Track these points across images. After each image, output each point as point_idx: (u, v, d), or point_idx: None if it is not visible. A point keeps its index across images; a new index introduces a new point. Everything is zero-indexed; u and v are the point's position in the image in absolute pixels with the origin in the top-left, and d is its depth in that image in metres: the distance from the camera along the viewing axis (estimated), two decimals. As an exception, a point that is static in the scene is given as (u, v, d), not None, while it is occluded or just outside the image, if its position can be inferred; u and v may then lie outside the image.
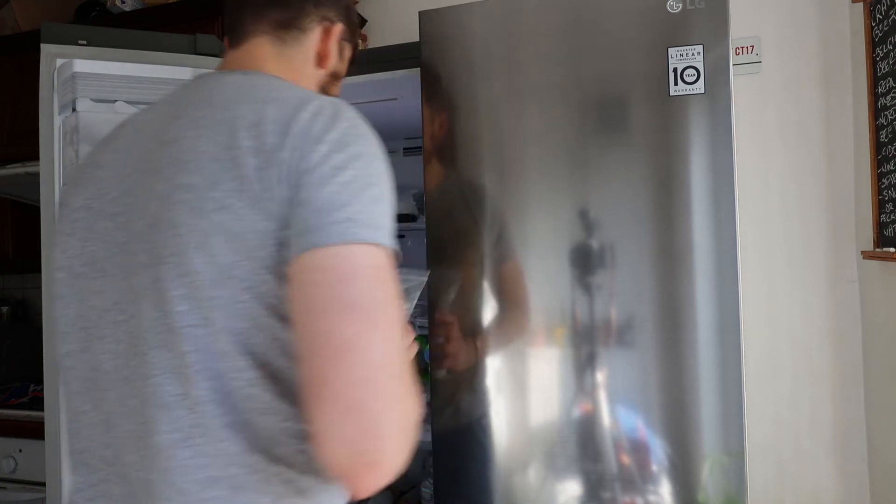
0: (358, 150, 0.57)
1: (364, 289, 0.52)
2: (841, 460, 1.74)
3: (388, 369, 0.51)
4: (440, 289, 1.16)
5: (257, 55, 0.71)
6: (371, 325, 0.51)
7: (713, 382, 1.02)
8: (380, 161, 0.59)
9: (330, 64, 0.76)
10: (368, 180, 0.56)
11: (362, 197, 0.54)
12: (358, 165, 0.56)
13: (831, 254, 1.76)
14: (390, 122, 1.78)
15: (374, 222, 0.55)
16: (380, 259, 0.54)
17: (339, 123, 0.57)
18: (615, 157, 1.08)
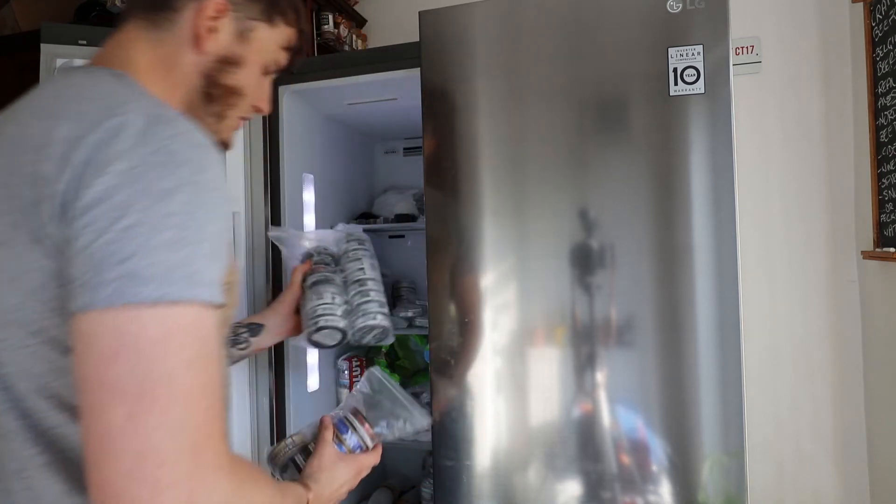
0: (153, 185, 0.46)
1: (135, 366, 0.44)
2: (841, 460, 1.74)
3: (163, 455, 0.44)
4: (441, 290, 1.16)
5: (127, 43, 0.63)
6: (145, 407, 0.44)
7: (713, 382, 1.02)
8: (191, 195, 0.48)
9: (210, 46, 0.64)
10: (163, 222, 0.46)
11: (150, 244, 0.45)
12: (146, 204, 0.45)
13: (831, 254, 1.76)
14: (390, 122, 1.78)
15: (168, 275, 0.45)
16: (172, 321, 0.45)
17: (138, 149, 0.47)
18: (615, 156, 1.08)
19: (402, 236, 2.03)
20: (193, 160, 0.49)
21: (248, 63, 0.68)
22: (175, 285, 0.45)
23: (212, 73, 0.66)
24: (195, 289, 0.47)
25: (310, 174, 1.58)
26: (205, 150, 0.51)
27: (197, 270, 0.47)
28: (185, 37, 0.63)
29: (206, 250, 0.48)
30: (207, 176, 0.50)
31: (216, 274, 0.50)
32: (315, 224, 1.60)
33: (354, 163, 1.93)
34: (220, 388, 0.50)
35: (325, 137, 1.69)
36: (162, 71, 0.63)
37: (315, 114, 1.61)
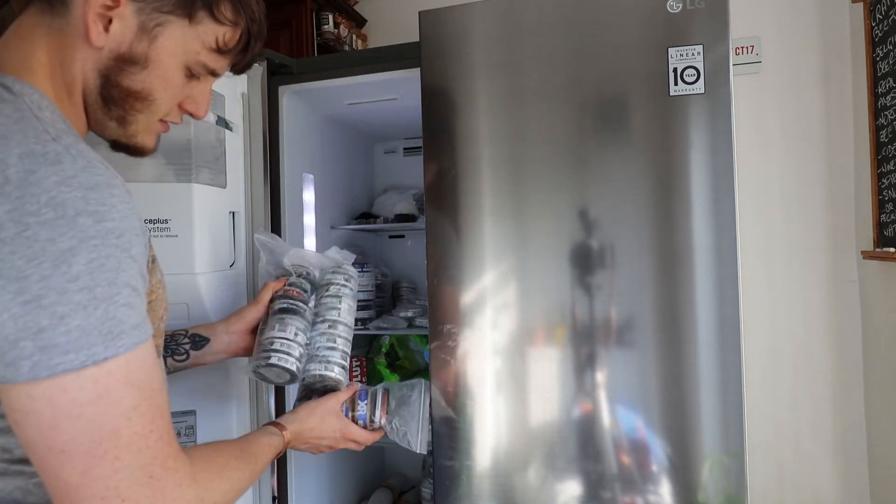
0: (49, 247, 0.43)
1: (79, 431, 0.46)
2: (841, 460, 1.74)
3: (124, 493, 0.48)
4: (441, 289, 1.16)
5: (22, 30, 0.56)
6: (97, 462, 0.47)
7: (713, 382, 1.02)
8: (94, 250, 0.45)
9: (100, 40, 0.55)
10: (70, 287, 0.44)
11: (60, 313, 0.44)
12: (48, 270, 0.43)
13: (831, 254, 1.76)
14: (390, 122, 1.78)
15: (85, 339, 0.45)
16: (103, 381, 0.46)
17: (26, 204, 0.43)
18: (615, 156, 1.08)
19: (402, 236, 2.03)
20: (89, 208, 0.45)
21: (157, 64, 0.58)
22: (96, 347, 0.46)
23: (109, 73, 0.57)
24: (118, 341, 0.47)
25: (310, 174, 1.58)
26: (100, 192, 0.47)
27: (117, 324, 0.47)
28: (78, 27, 0.55)
29: (123, 299, 0.47)
30: (109, 224, 0.47)
31: (138, 315, 0.50)
32: (315, 224, 1.60)
33: (354, 163, 1.93)
34: (164, 411, 0.52)
35: (325, 137, 1.69)
36: (57, 66, 0.55)
37: (315, 114, 1.61)
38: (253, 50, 0.66)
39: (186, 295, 1.15)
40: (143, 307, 0.52)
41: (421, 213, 1.77)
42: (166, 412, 0.53)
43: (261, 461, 0.75)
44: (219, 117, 1.23)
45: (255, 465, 0.72)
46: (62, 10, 0.55)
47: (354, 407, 0.99)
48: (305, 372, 1.00)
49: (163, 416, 0.52)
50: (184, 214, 1.13)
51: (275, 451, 0.82)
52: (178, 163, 1.13)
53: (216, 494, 0.59)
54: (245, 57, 0.66)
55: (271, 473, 1.35)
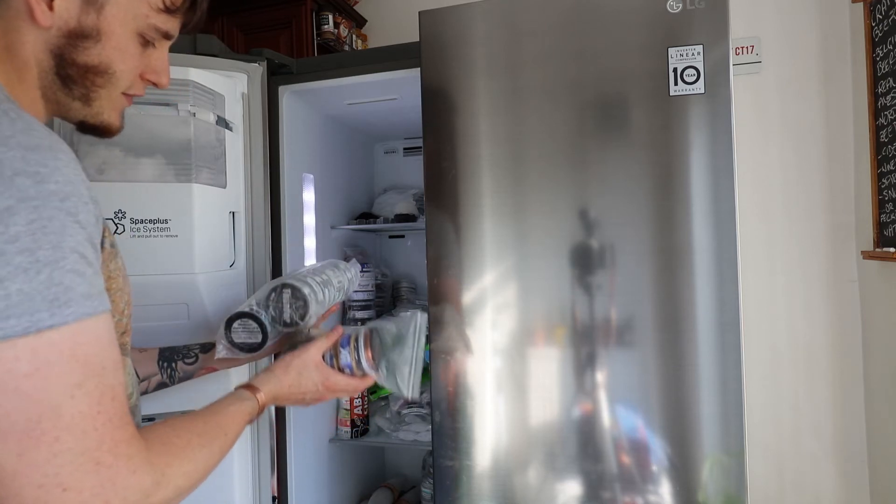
0: None
1: (14, 405, 0.42)
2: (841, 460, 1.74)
3: (65, 481, 0.43)
4: (441, 289, 1.16)
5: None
6: (34, 444, 0.43)
7: (713, 382, 1.02)
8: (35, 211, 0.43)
9: (47, 19, 0.53)
10: (10, 248, 0.42)
11: (2, 276, 0.41)
12: None
13: (831, 253, 1.76)
14: (390, 122, 1.78)
15: (28, 304, 0.42)
16: (45, 351, 0.43)
17: None
18: (615, 156, 1.08)
19: (402, 236, 2.03)
20: (28, 169, 0.44)
21: (110, 35, 0.57)
22: (40, 313, 0.43)
23: (62, 52, 0.55)
24: (65, 309, 0.44)
25: (310, 174, 1.58)
26: (42, 153, 0.45)
27: (63, 290, 0.44)
28: (20, 8, 0.53)
29: (69, 265, 0.44)
30: (51, 186, 0.44)
31: (89, 284, 0.46)
32: (315, 224, 1.60)
33: (354, 163, 1.93)
34: (117, 393, 0.48)
35: (325, 137, 1.69)
36: (4, 53, 0.54)
37: (315, 114, 1.61)
38: (201, 6, 0.64)
39: (186, 295, 1.15)
40: (98, 280, 0.49)
41: (421, 213, 1.77)
42: (120, 394, 0.49)
43: (231, 431, 0.68)
44: (219, 117, 1.23)
45: (224, 437, 0.65)
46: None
47: (337, 354, 0.90)
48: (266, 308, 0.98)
49: (115, 398, 0.48)
50: (184, 214, 1.13)
51: (248, 416, 0.73)
52: (178, 163, 1.13)
53: (178, 478, 0.54)
54: (194, 15, 0.64)
55: (271, 473, 1.35)
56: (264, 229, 1.35)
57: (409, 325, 0.92)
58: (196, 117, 1.15)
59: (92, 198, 0.50)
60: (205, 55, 1.28)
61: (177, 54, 1.27)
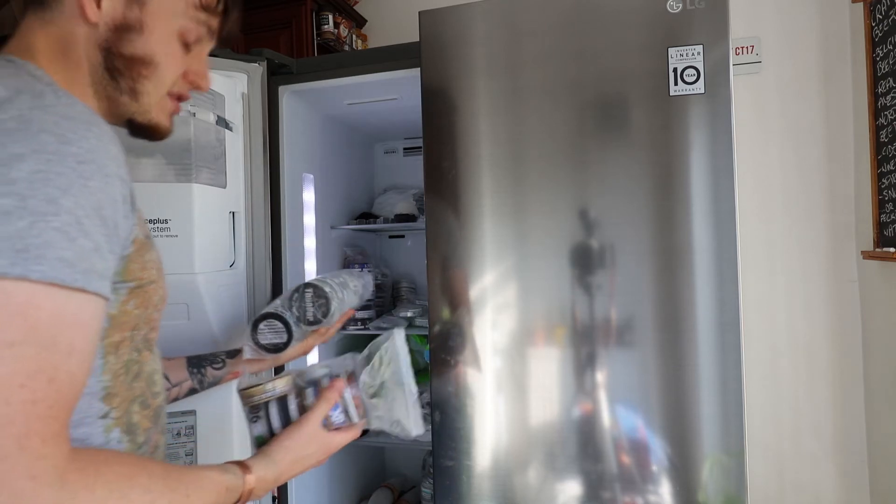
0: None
1: None
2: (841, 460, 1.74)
3: None
4: (441, 289, 1.16)
5: (24, 32, 0.59)
6: None
7: (713, 382, 1.02)
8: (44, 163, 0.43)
9: (91, 14, 0.57)
10: (1, 189, 0.42)
11: None
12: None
13: (831, 254, 1.76)
14: (390, 122, 1.78)
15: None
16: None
17: None
18: (615, 157, 1.08)
19: (402, 236, 2.03)
20: (56, 130, 0.45)
21: (152, 28, 0.61)
22: (1, 258, 0.40)
23: (110, 45, 0.59)
24: (31, 265, 0.41)
25: (310, 174, 1.58)
26: (79, 124, 0.46)
27: (38, 245, 0.42)
28: (73, 11, 0.58)
29: (59, 223, 0.43)
30: (73, 148, 0.45)
31: (77, 255, 0.44)
32: (315, 224, 1.60)
33: (354, 163, 1.93)
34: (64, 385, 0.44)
35: (325, 137, 1.69)
36: (59, 54, 0.58)
37: (315, 114, 1.61)
38: (231, 15, 0.68)
39: (186, 295, 1.15)
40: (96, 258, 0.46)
41: (421, 213, 1.77)
42: (64, 383, 0.44)
43: (195, 495, 0.57)
44: (219, 117, 1.23)
45: (182, 497, 0.54)
46: (54, 3, 0.58)
47: (329, 416, 0.80)
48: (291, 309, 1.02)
49: (53, 381, 0.43)
50: (184, 214, 1.13)
51: (226, 491, 0.62)
52: (178, 163, 1.13)
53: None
54: (225, 22, 0.67)
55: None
56: (264, 229, 1.35)
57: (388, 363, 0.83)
58: (196, 117, 1.15)
59: (122, 178, 0.50)
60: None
61: (177, 54, 1.27)
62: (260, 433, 0.77)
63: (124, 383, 0.59)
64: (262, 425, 0.78)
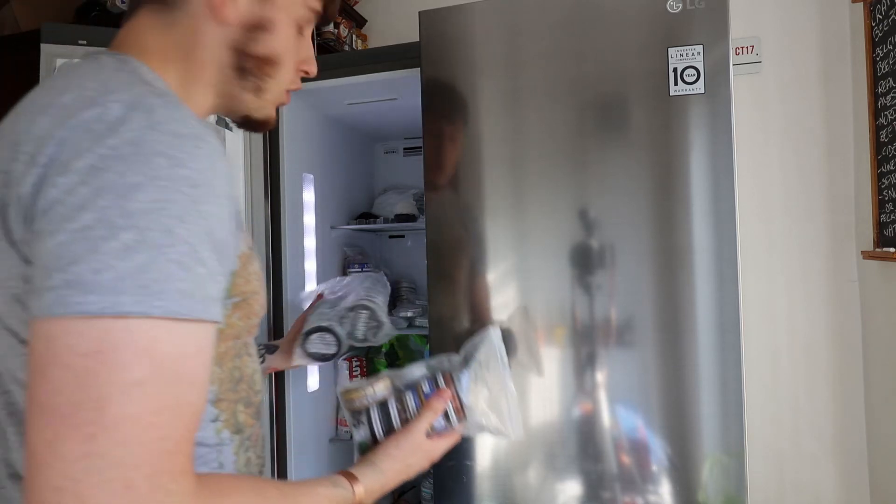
0: (116, 180, 0.41)
1: (63, 383, 0.38)
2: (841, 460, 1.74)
3: (84, 494, 0.37)
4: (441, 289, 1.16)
5: (136, 29, 0.57)
6: (67, 433, 0.38)
7: (713, 382, 1.02)
8: (161, 191, 0.42)
9: (230, 14, 0.57)
10: (122, 222, 0.40)
11: (103, 248, 0.39)
12: (108, 202, 0.40)
13: (831, 254, 1.76)
14: (390, 122, 1.78)
15: (115, 285, 0.39)
16: (114, 337, 0.39)
17: (108, 140, 0.42)
18: (615, 157, 1.08)
19: (402, 236, 2.03)
20: (169, 153, 0.43)
21: (279, 24, 0.61)
22: (124, 296, 0.39)
23: (239, 45, 0.59)
24: (153, 301, 0.40)
25: (310, 174, 1.58)
26: (188, 141, 0.45)
27: (158, 280, 0.40)
28: (200, 11, 0.57)
29: (175, 255, 0.41)
30: (185, 171, 0.43)
31: (194, 284, 0.43)
32: (315, 224, 1.60)
33: (354, 163, 1.93)
34: (188, 417, 0.43)
35: (325, 137, 1.69)
36: (179, 54, 0.57)
37: (315, 114, 1.61)
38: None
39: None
40: (209, 284, 0.44)
41: (421, 213, 1.77)
42: (188, 418, 0.43)
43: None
44: (218, 117, 1.23)
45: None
46: (179, 3, 0.56)
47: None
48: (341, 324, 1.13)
49: (180, 417, 0.42)
50: (184, 214, 1.12)
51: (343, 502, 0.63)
52: (178, 163, 1.13)
53: None
54: (330, 3, 0.68)
55: (271, 473, 1.35)
56: (264, 229, 1.35)
57: (484, 351, 0.81)
58: (196, 117, 1.15)
59: (229, 196, 0.49)
60: (205, 55, 1.28)
61: (177, 54, 1.27)
62: (362, 439, 0.77)
63: (230, 389, 0.60)
64: (364, 430, 0.78)
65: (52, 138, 0.43)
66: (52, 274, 0.39)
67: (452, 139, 1.16)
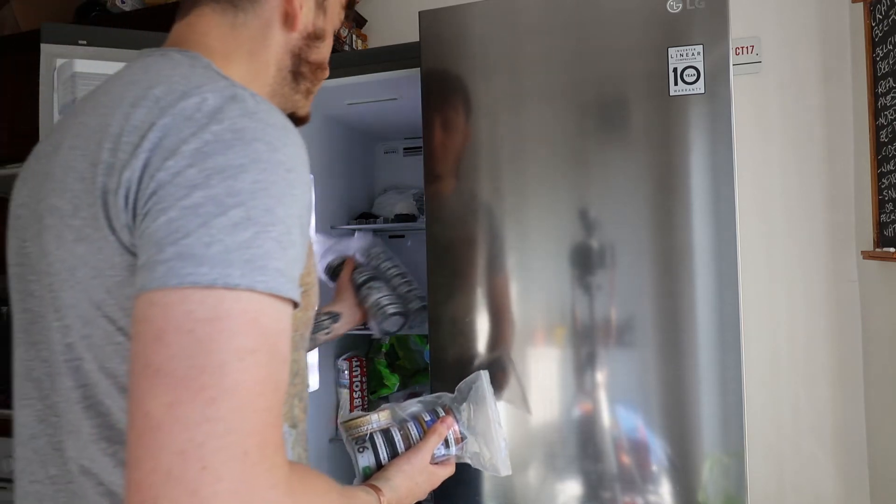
0: (222, 162, 0.43)
1: (182, 348, 0.39)
2: (841, 460, 1.74)
3: (207, 457, 0.38)
4: (441, 289, 1.16)
5: (200, 28, 0.60)
6: (189, 396, 0.39)
7: (713, 382, 1.02)
8: (261, 173, 0.44)
9: (301, 23, 0.62)
10: (229, 201, 0.42)
11: (213, 223, 0.41)
12: (216, 182, 0.42)
13: (831, 254, 1.76)
14: (390, 122, 1.78)
15: (225, 257, 0.41)
16: (226, 306, 0.41)
17: (211, 127, 0.45)
18: (615, 157, 1.08)
19: (402, 236, 2.03)
20: (266, 139, 0.46)
21: (329, 33, 0.68)
22: (233, 268, 0.41)
23: (300, 52, 0.65)
24: (256, 275, 0.42)
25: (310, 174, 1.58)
26: (280, 130, 0.48)
27: (261, 255, 0.43)
28: (271, 18, 0.61)
29: (274, 234, 0.44)
30: (280, 156, 0.46)
31: (286, 264, 0.45)
32: (315, 224, 1.60)
33: (354, 163, 1.93)
34: (281, 393, 0.44)
35: (324, 137, 1.69)
36: (244, 55, 0.60)
37: (315, 114, 1.60)
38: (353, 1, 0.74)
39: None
40: (295, 266, 0.46)
41: (421, 213, 1.77)
42: (282, 392, 0.44)
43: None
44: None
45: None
46: (248, 7, 0.60)
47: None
48: (410, 313, 1.32)
49: (278, 390, 0.43)
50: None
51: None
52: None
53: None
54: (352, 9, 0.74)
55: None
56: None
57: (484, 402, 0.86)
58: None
59: (310, 184, 0.51)
60: (205, 55, 1.28)
61: (177, 54, 1.27)
62: (367, 464, 0.78)
63: (289, 382, 0.61)
64: (370, 456, 0.79)
65: (154, 127, 0.45)
66: (165, 248, 0.41)
67: (452, 139, 1.16)
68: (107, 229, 0.47)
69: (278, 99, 0.65)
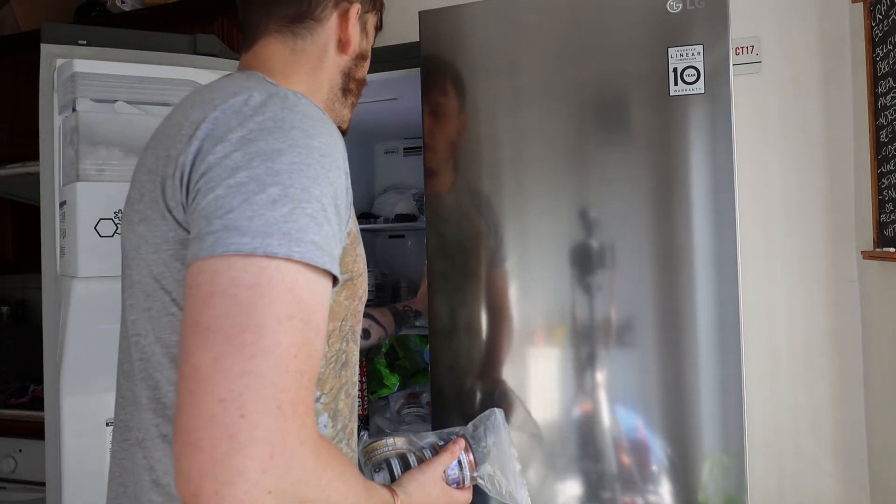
0: (264, 146, 0.49)
1: (227, 309, 0.44)
2: (841, 460, 1.74)
3: (246, 405, 0.42)
4: (441, 290, 1.16)
5: (263, 55, 0.68)
6: (232, 350, 0.43)
7: (713, 382, 1.02)
8: (298, 156, 0.50)
9: (353, 47, 0.72)
10: (268, 179, 0.48)
11: (254, 200, 0.47)
12: (257, 164, 0.48)
13: (831, 254, 1.76)
14: (390, 122, 1.78)
15: (265, 229, 0.46)
16: (267, 274, 0.45)
17: (255, 118, 0.51)
18: (615, 157, 1.08)
19: (402, 236, 2.03)
20: (303, 127, 0.52)
21: (370, 53, 0.77)
22: (272, 239, 0.46)
23: (350, 71, 0.74)
24: (293, 246, 0.47)
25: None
26: (315, 121, 0.54)
27: (297, 228, 0.47)
28: (327, 43, 0.70)
29: (311, 210, 0.49)
30: (315, 142, 0.52)
31: (323, 238, 0.49)
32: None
33: (354, 163, 1.91)
34: (314, 361, 0.48)
35: (325, 137, 1.68)
36: (302, 74, 0.69)
37: (315, 114, 1.61)
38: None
39: (186, 295, 1.14)
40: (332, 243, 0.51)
41: (421, 212, 1.77)
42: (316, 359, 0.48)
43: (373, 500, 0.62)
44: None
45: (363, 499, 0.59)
46: (307, 35, 0.69)
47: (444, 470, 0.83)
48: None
49: (312, 356, 0.47)
50: (184, 214, 1.12)
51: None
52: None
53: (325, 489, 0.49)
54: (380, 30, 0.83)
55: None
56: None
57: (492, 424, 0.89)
58: (196, 117, 1.15)
59: (346, 172, 0.57)
60: (205, 55, 1.28)
61: (177, 55, 1.27)
62: (383, 481, 0.79)
63: (334, 371, 0.65)
64: (385, 475, 0.80)
65: (207, 119, 0.52)
66: (213, 221, 0.47)
67: (453, 139, 1.16)
68: (164, 208, 0.54)
69: (330, 115, 0.72)
